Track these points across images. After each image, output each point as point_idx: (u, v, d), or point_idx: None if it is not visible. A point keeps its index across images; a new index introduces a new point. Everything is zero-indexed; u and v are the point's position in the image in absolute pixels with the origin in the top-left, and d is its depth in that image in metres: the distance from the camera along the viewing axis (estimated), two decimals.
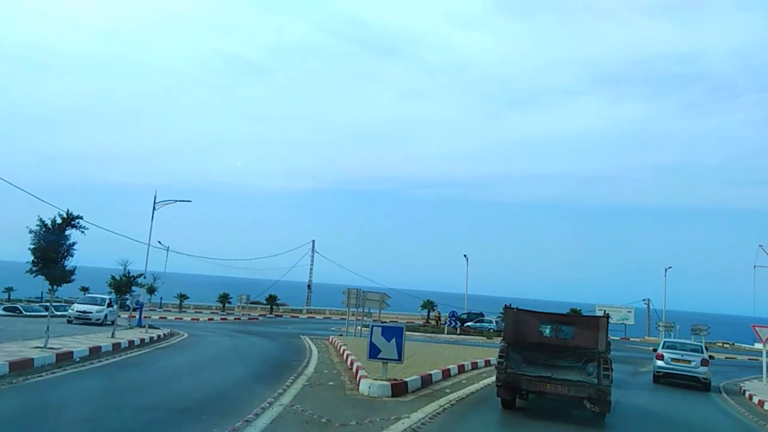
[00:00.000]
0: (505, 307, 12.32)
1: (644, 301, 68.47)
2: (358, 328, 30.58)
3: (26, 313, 34.42)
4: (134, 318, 29.51)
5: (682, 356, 20.16)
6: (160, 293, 53.50)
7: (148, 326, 26.74)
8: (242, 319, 48.86)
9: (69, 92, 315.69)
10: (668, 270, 63.39)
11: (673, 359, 20.10)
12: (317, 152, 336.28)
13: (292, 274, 70.06)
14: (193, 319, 43.46)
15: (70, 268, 15.58)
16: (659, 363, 20.39)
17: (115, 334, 20.78)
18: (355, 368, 14.59)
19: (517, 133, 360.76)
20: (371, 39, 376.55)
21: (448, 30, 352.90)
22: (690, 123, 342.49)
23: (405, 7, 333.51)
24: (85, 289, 41.59)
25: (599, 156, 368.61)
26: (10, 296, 50.17)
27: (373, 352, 12.62)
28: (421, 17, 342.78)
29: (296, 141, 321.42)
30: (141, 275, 27.41)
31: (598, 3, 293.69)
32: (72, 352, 14.93)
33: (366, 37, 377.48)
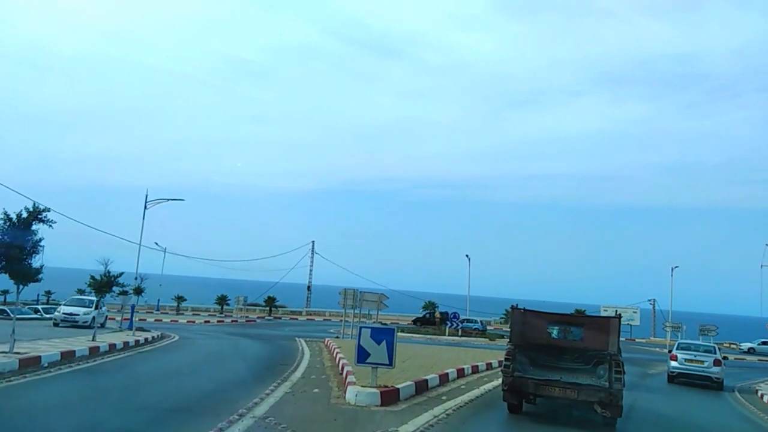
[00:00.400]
0: (512, 308, 11.94)
1: (649, 301, 67.62)
2: (355, 330, 29.49)
3: (14, 316, 33.33)
4: (127, 321, 28.64)
5: (696, 357, 20.65)
6: (158, 295, 52.74)
7: (135, 329, 25.85)
8: (239, 321, 47.99)
9: (69, 93, 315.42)
10: (675, 269, 62.26)
11: (686, 360, 20.57)
12: (317, 153, 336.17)
13: (292, 275, 69.25)
14: (189, 322, 42.66)
15: (37, 266, 14.46)
16: (673, 364, 20.83)
17: (96, 338, 19.78)
18: (345, 373, 13.51)
19: (517, 133, 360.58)
20: (372, 40, 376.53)
21: (448, 30, 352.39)
22: (690, 123, 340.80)
23: (405, 8, 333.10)
24: (81, 291, 40.59)
25: (599, 156, 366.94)
26: (6, 299, 49.24)
27: (362, 356, 11.50)
28: (421, 18, 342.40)
29: (296, 141, 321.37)
30: (122, 274, 26.36)
31: (598, 3, 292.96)
32: (40, 357, 13.82)
33: (366, 38, 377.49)
